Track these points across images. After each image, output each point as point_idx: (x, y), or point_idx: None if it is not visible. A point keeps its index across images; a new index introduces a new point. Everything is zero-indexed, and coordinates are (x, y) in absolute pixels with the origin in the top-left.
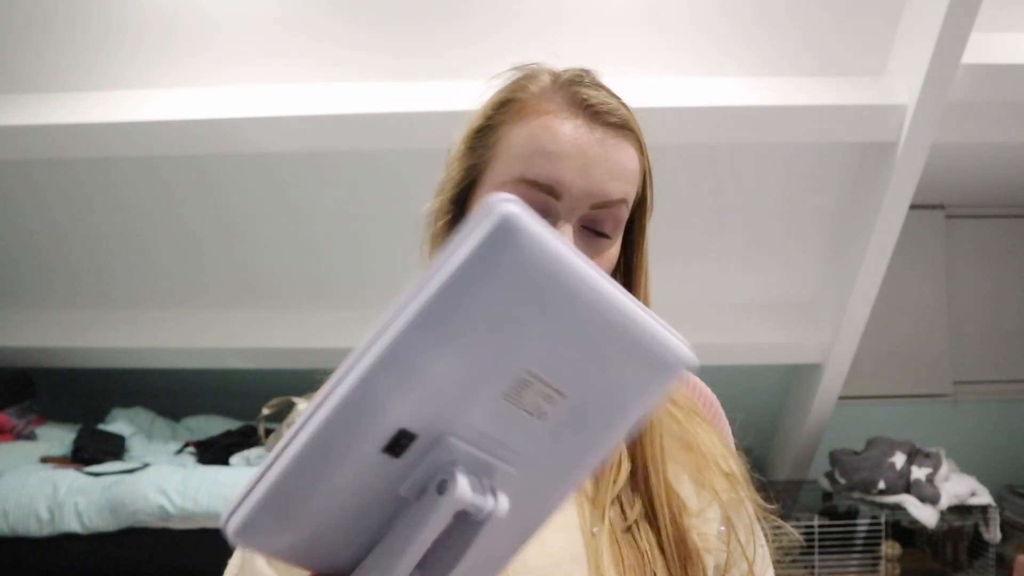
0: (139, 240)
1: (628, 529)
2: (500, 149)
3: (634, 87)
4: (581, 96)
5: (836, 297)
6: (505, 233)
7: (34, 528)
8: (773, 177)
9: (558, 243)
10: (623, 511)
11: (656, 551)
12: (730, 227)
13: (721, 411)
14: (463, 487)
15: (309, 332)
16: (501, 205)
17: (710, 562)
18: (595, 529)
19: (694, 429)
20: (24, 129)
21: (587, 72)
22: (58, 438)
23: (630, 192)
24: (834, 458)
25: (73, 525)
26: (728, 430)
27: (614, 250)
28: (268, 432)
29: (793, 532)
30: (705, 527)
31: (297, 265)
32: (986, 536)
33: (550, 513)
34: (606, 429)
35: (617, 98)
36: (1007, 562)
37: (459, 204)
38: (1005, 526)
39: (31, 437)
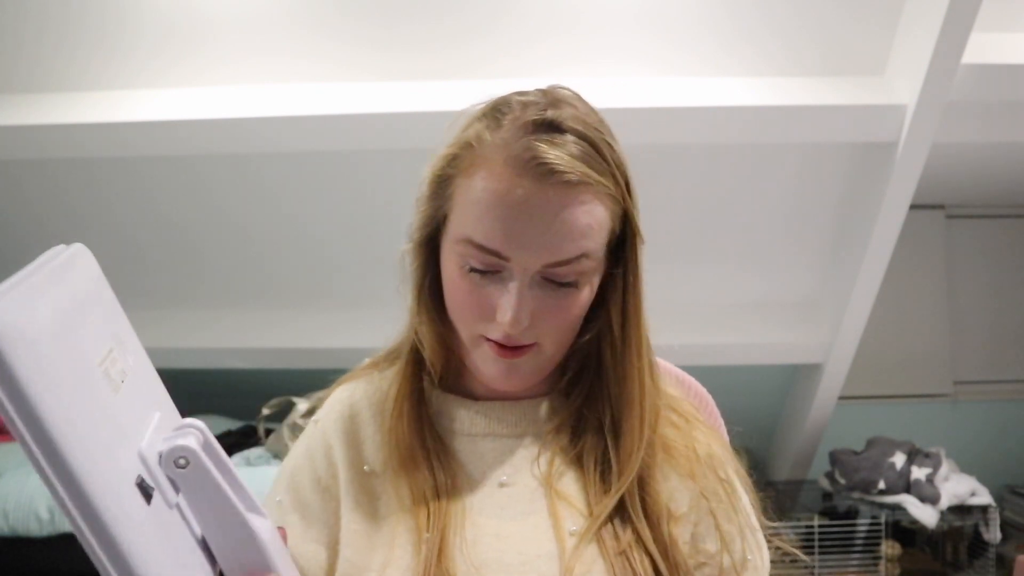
0: (138, 240)
1: (622, 552)
2: (455, 202)
3: (633, 87)
4: (531, 152)
5: (836, 297)
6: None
7: (34, 528)
8: (773, 177)
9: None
10: (616, 531)
11: (649, 573)
12: (729, 227)
13: (715, 410)
14: (188, 439)
15: (309, 332)
16: None
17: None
18: (573, 528)
19: (693, 435)
20: (18, 129)
21: (554, 106)
22: None
23: (590, 245)
24: (834, 458)
25: None
26: (723, 428)
27: (580, 296)
28: (268, 432)
29: (786, 544)
30: (694, 537)
31: (297, 265)
32: (986, 536)
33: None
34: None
35: (582, 140)
36: (1007, 562)
37: (429, 246)
38: (1005, 526)
39: None
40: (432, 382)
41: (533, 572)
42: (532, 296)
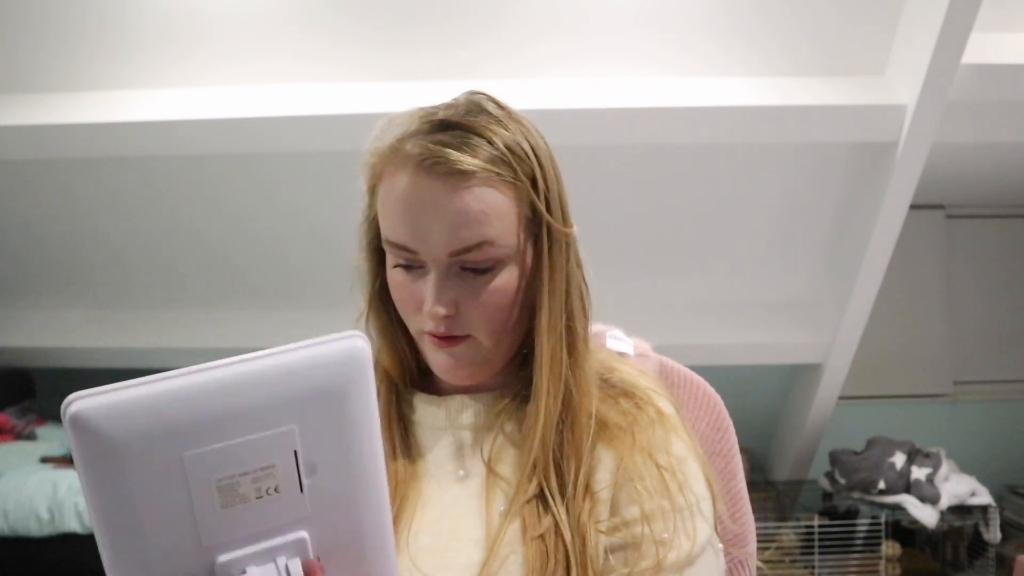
0: (139, 241)
1: (541, 535)
2: (378, 206)
3: (633, 87)
4: (421, 149)
5: (836, 297)
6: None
7: (34, 528)
8: (773, 177)
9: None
10: (538, 513)
11: (560, 556)
12: (730, 227)
13: (723, 411)
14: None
15: (309, 333)
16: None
17: (622, 559)
18: (501, 508)
19: (638, 419)
20: (21, 129)
21: (451, 108)
22: (58, 438)
23: (489, 232)
24: (834, 458)
25: (73, 525)
26: (731, 432)
27: (499, 281)
28: None
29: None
30: (614, 502)
31: (299, 265)
32: (986, 536)
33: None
34: (341, 449)
35: (471, 133)
36: (1007, 562)
37: (376, 252)
38: (1005, 526)
39: (31, 437)
40: (403, 380)
41: (461, 555)
42: (452, 285)
